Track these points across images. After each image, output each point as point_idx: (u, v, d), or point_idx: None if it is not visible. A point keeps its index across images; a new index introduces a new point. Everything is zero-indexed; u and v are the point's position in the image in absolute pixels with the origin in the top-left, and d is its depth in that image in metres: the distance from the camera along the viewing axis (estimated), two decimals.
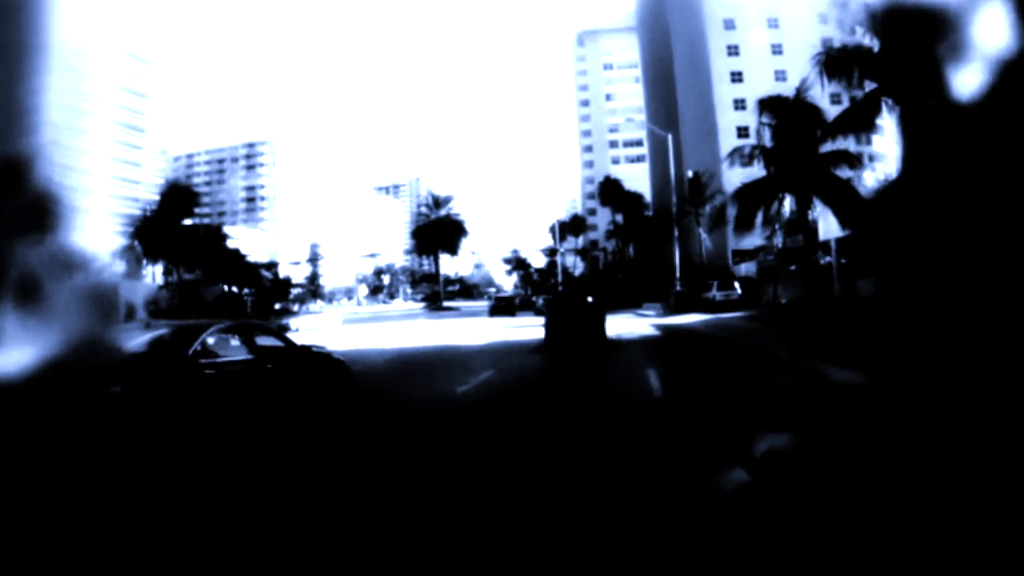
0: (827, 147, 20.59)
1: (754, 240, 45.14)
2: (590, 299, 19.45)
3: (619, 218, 66.19)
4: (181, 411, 6.23)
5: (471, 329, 28.24)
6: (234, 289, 74.66)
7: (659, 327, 25.28)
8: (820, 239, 27.38)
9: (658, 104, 78.43)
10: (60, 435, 4.96)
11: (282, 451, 6.45)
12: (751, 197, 21.35)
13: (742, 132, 55.67)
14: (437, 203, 66.78)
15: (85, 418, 5.21)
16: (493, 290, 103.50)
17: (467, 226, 68.15)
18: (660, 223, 55.23)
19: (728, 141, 55.04)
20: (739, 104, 56.18)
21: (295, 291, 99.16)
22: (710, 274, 41.81)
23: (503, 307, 43.70)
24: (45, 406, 5.02)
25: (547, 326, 17.32)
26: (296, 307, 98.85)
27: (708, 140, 57.11)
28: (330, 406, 8.65)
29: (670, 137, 36.84)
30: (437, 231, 65.85)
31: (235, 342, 7.64)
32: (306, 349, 8.78)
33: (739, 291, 34.33)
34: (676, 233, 35.97)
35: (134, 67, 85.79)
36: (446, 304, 68.74)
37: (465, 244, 70.71)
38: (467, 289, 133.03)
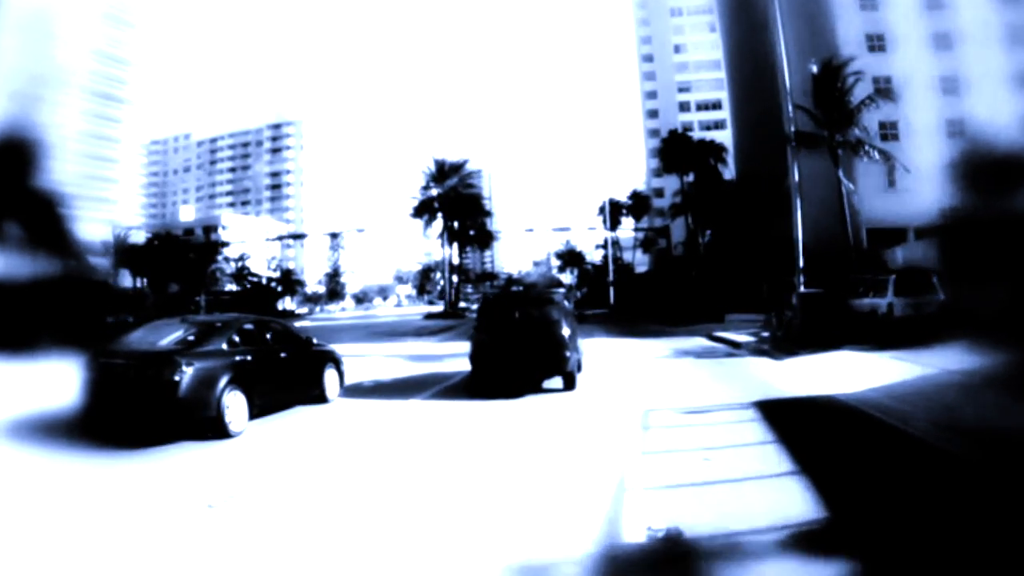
0: None
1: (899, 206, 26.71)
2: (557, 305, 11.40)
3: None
4: (220, 381, 8.54)
5: (419, 352, 20.51)
6: (221, 291, 61.53)
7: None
8: None
9: (743, 50, 59.21)
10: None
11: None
12: None
13: (874, 40, 36.48)
14: (443, 172, 49.43)
15: (170, 382, 7.94)
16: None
17: (489, 205, 51.91)
18: (754, 186, 36.76)
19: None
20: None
21: (304, 290, 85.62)
22: (848, 264, 23.80)
23: None
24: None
25: (471, 353, 11.46)
26: (310, 309, 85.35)
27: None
28: (323, 384, 10.90)
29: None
30: (444, 209, 49.39)
31: (258, 335, 9.80)
32: (308, 341, 10.74)
33: (941, 295, 16.40)
34: (795, 179, 18.01)
35: (112, 31, 74.10)
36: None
37: (495, 230, 54.49)
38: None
